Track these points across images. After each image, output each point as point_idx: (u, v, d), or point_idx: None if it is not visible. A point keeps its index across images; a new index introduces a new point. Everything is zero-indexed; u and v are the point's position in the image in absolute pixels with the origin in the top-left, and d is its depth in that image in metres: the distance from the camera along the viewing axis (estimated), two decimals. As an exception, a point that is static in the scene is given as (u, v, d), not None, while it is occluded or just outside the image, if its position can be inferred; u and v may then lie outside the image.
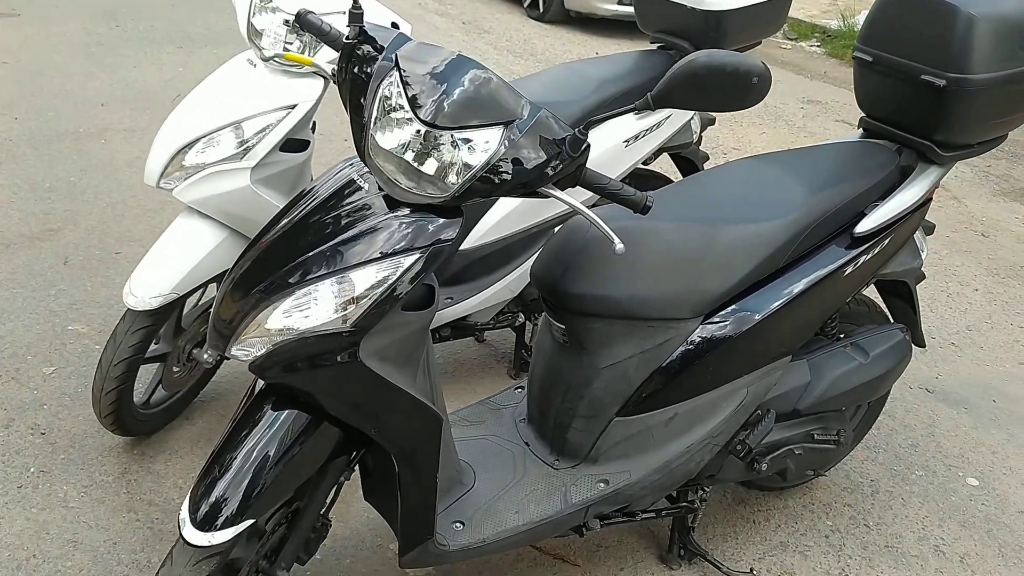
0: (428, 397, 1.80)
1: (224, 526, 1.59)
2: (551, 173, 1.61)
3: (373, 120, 1.58)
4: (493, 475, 2.08)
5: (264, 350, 1.57)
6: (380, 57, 1.63)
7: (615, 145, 2.75)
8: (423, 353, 1.79)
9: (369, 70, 1.63)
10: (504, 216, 2.65)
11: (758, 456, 2.18)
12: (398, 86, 1.57)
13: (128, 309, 2.27)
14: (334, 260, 1.58)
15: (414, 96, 1.55)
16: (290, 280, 1.57)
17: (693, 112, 2.98)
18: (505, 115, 1.56)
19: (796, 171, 2.11)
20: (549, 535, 2.04)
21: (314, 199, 1.71)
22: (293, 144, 2.39)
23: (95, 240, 3.69)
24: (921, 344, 2.51)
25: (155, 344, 2.41)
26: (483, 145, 1.54)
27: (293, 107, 2.30)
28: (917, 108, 2.13)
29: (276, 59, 2.31)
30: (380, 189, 1.64)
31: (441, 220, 1.60)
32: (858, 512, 2.58)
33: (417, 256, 1.57)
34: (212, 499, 1.61)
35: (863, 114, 2.31)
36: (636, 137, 2.79)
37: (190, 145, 2.28)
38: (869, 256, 2.09)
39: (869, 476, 2.73)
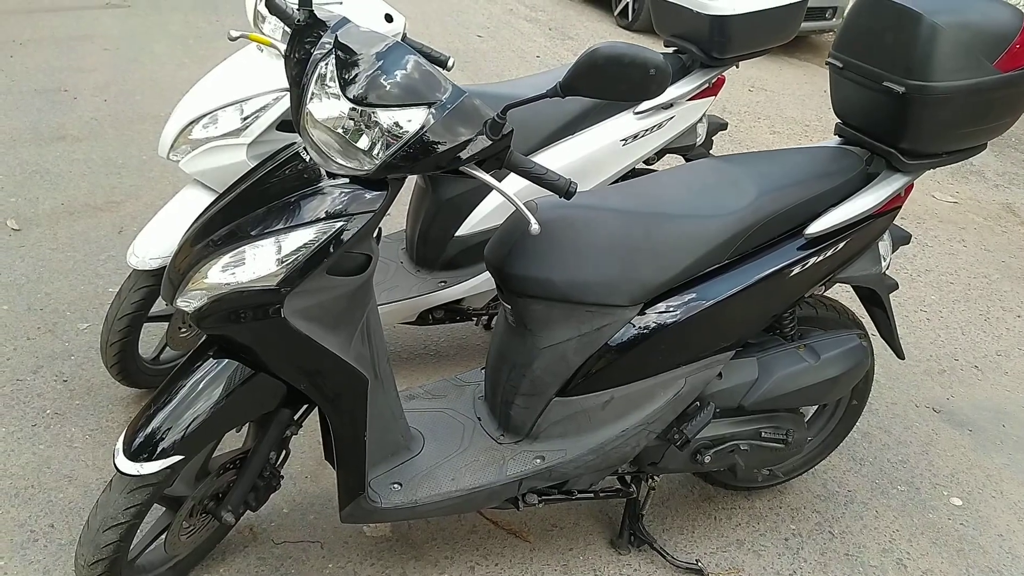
0: (363, 361, 1.93)
1: (152, 459, 1.75)
2: (471, 153, 1.71)
3: (309, 96, 1.71)
4: (440, 445, 2.19)
5: (202, 302, 1.73)
6: (322, 38, 1.78)
7: (611, 143, 2.82)
8: (361, 319, 1.92)
9: (312, 50, 1.78)
10: (498, 205, 2.76)
11: (702, 448, 2.23)
12: (333, 65, 1.71)
13: (132, 269, 2.47)
14: (268, 223, 1.72)
15: (345, 75, 1.69)
16: (230, 238, 1.73)
17: (700, 114, 3.03)
18: (429, 97, 1.68)
19: (753, 172, 2.15)
20: (483, 504, 2.14)
21: (266, 167, 1.86)
22: (289, 125, 2.55)
23: (150, 214, 3.95)
24: (899, 356, 2.49)
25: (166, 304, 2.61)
26: (406, 123, 1.66)
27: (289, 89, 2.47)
28: (882, 115, 2.14)
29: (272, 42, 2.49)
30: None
31: (366, 191, 1.72)
32: (825, 519, 2.58)
33: (341, 223, 1.70)
34: (145, 433, 1.77)
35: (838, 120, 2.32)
36: (635, 137, 2.86)
37: (197, 120, 2.48)
38: (819, 258, 2.11)
39: (847, 487, 2.72)
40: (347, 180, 1.73)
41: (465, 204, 2.77)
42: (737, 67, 3.10)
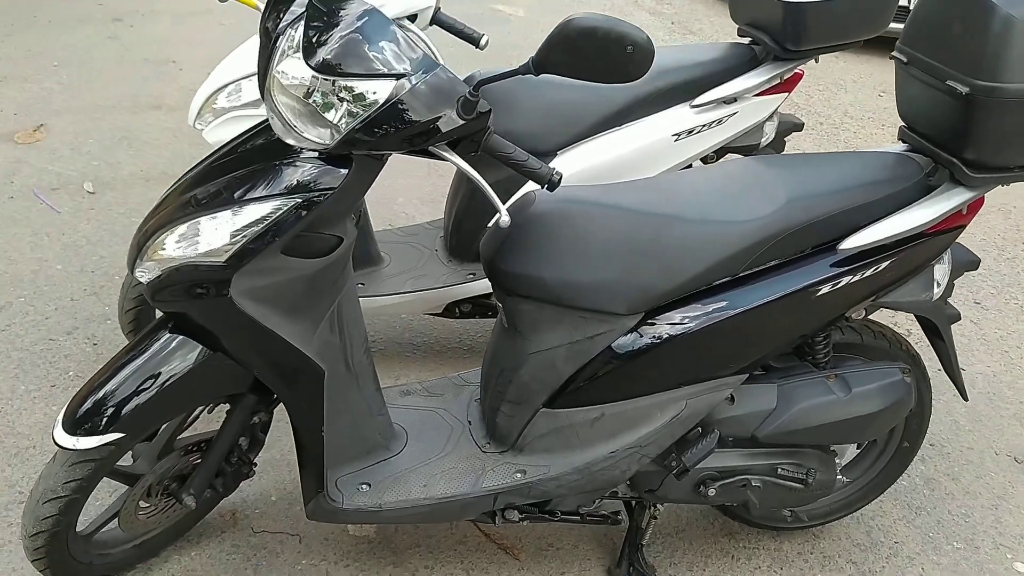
0: (331, 351, 1.81)
1: (89, 433, 1.68)
2: (440, 132, 1.56)
3: (277, 60, 1.60)
4: (422, 446, 2.05)
5: (156, 274, 1.64)
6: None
7: (663, 138, 2.60)
8: (331, 307, 1.79)
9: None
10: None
11: (707, 480, 2.00)
12: (302, 29, 1.59)
13: None
14: (227, 194, 1.62)
15: (311, 41, 1.56)
16: (188, 207, 1.64)
17: (769, 112, 2.76)
18: (397, 68, 1.54)
19: (790, 175, 1.90)
20: (455, 516, 1.99)
21: (239, 138, 1.76)
22: None
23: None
24: (962, 396, 2.19)
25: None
26: (371, 95, 1.53)
27: None
28: (946, 118, 1.85)
29: None
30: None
31: (326, 167, 1.59)
32: (861, 572, 2.29)
33: (298, 200, 1.58)
34: (86, 407, 1.70)
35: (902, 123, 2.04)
36: (690, 132, 2.62)
37: (222, 89, 2.41)
38: (855, 278, 1.84)
39: (894, 537, 2.42)
40: (300, 154, 1.61)
41: (506, 188, 2.60)
42: (816, 61, 2.81)
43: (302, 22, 1.59)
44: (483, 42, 2.55)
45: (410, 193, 4.03)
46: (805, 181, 1.88)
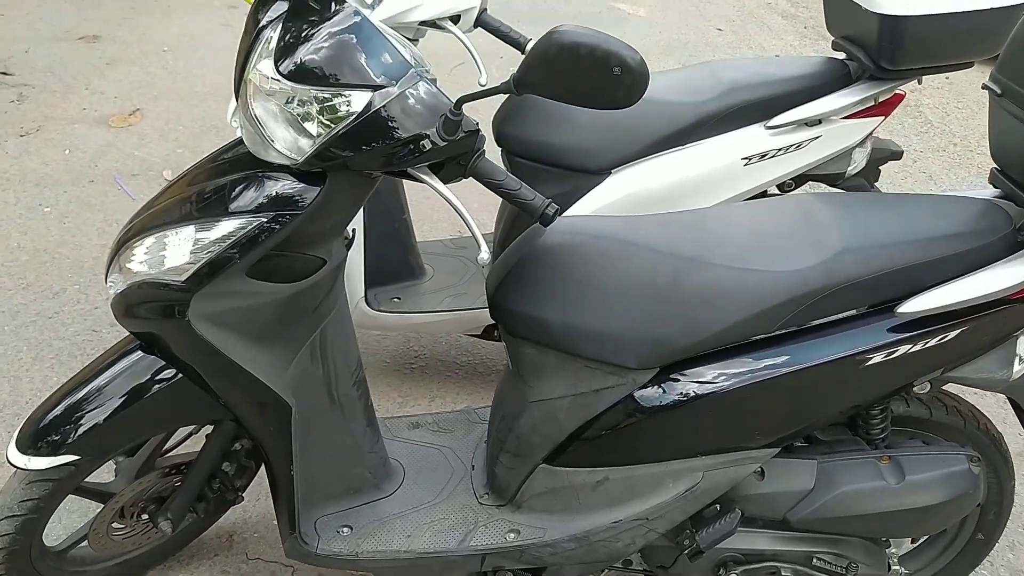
0: (309, 383, 1.66)
1: (42, 453, 1.58)
2: (420, 153, 1.38)
3: (250, 65, 1.45)
4: (416, 489, 1.88)
5: (122, 287, 1.53)
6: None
7: (731, 161, 2.33)
8: (311, 335, 1.64)
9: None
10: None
11: (729, 562, 1.75)
12: (277, 33, 1.44)
13: None
14: (188, 209, 1.49)
15: (285, 45, 1.41)
16: (158, 220, 1.52)
17: (860, 137, 2.44)
18: (375, 79, 1.37)
19: (851, 218, 1.62)
20: (438, 573, 1.80)
21: (230, 143, 1.63)
22: None
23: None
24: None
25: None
26: (343, 108, 1.36)
27: None
28: (1044, 163, 1.55)
29: None
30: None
31: (298, 185, 1.44)
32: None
33: (262, 219, 1.43)
34: (42, 424, 1.60)
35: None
36: (763, 156, 2.34)
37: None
38: (915, 348, 1.55)
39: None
40: (272, 169, 1.45)
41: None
42: (919, 83, 2.47)
43: (279, 25, 1.44)
44: (528, 47, 2.34)
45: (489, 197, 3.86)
46: (866, 227, 1.60)
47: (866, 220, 1.62)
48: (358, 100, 1.37)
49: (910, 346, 1.55)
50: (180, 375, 1.60)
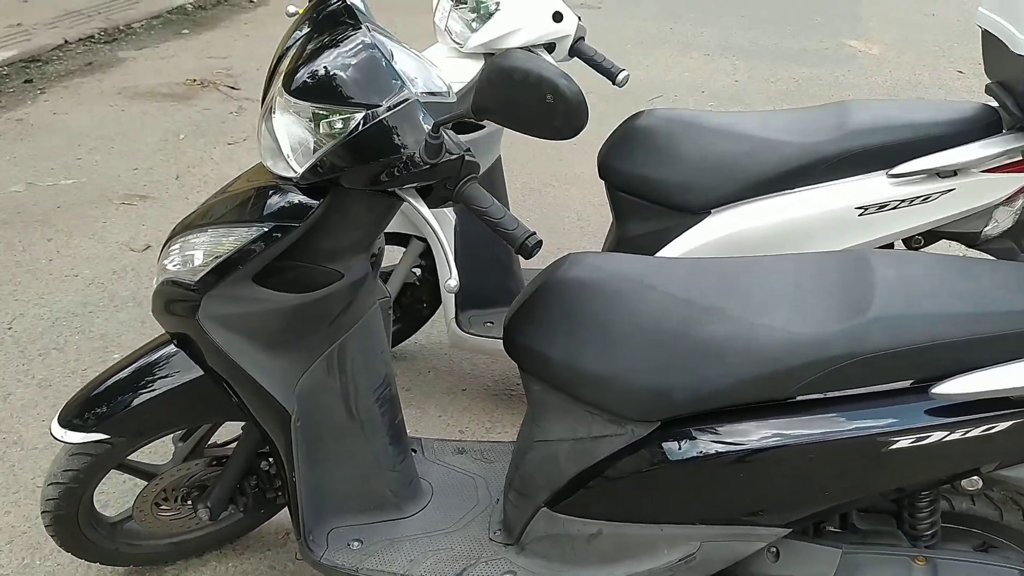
0: (324, 395, 1.70)
1: (76, 429, 1.71)
2: (401, 174, 1.39)
3: (276, 78, 1.52)
4: (437, 515, 1.86)
5: (155, 285, 1.64)
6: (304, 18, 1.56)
7: (843, 209, 2.13)
8: (329, 347, 1.67)
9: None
10: (691, 250, 2.25)
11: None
12: (296, 49, 1.51)
13: None
14: (214, 216, 1.58)
15: (298, 62, 1.47)
16: (187, 225, 1.62)
17: (1003, 195, 2.14)
18: (370, 99, 1.40)
19: (897, 282, 1.43)
20: None
21: None
22: (466, 125, 2.32)
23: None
24: None
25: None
26: (337, 126, 1.40)
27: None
28: None
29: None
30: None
31: (299, 198, 1.49)
32: None
33: (265, 229, 1.50)
34: (83, 400, 1.73)
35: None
36: (882, 207, 2.12)
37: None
38: (952, 436, 1.34)
39: None
40: (279, 182, 1.51)
41: (649, 244, 2.29)
42: (1081, 137, 2.14)
43: (298, 43, 1.50)
44: (620, 78, 2.27)
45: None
46: (915, 293, 1.41)
47: (920, 285, 1.43)
48: (351, 118, 1.39)
49: (945, 434, 1.34)
50: (204, 374, 1.68)
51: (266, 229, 1.48)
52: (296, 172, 1.45)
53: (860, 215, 2.13)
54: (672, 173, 2.22)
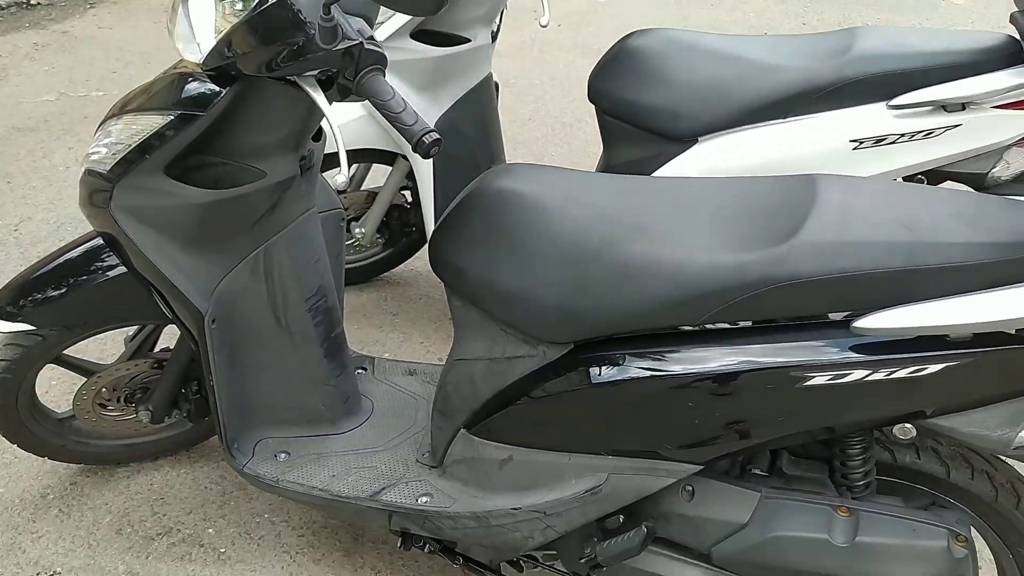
0: (249, 299, 1.65)
1: (5, 318, 1.70)
2: (295, 59, 1.32)
3: None
4: (370, 434, 1.82)
5: (80, 175, 1.61)
6: None
7: (838, 143, 1.98)
8: (251, 250, 1.63)
9: None
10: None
11: (644, 588, 1.50)
12: None
13: None
14: (133, 104, 1.53)
15: None
16: (109, 115, 1.58)
17: (1016, 132, 1.95)
18: None
19: (839, 208, 1.30)
20: (350, 519, 1.76)
21: None
22: (426, 34, 2.19)
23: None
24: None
25: None
26: (239, 6, 1.34)
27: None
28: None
29: None
30: None
31: (206, 85, 1.44)
32: None
33: (171, 117, 1.45)
34: (11, 290, 1.72)
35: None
36: (878, 141, 1.96)
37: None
38: (875, 376, 1.21)
39: None
40: (194, 69, 1.45)
41: (635, 172, 2.16)
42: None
43: None
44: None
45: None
46: (849, 217, 1.27)
47: (861, 210, 1.29)
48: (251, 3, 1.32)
49: (867, 373, 1.22)
50: (126, 271, 1.65)
51: (172, 117, 1.43)
52: (201, 55, 1.39)
53: (855, 149, 1.97)
54: (660, 98, 2.09)
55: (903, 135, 1.95)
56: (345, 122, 2.27)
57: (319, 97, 1.33)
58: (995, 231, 1.21)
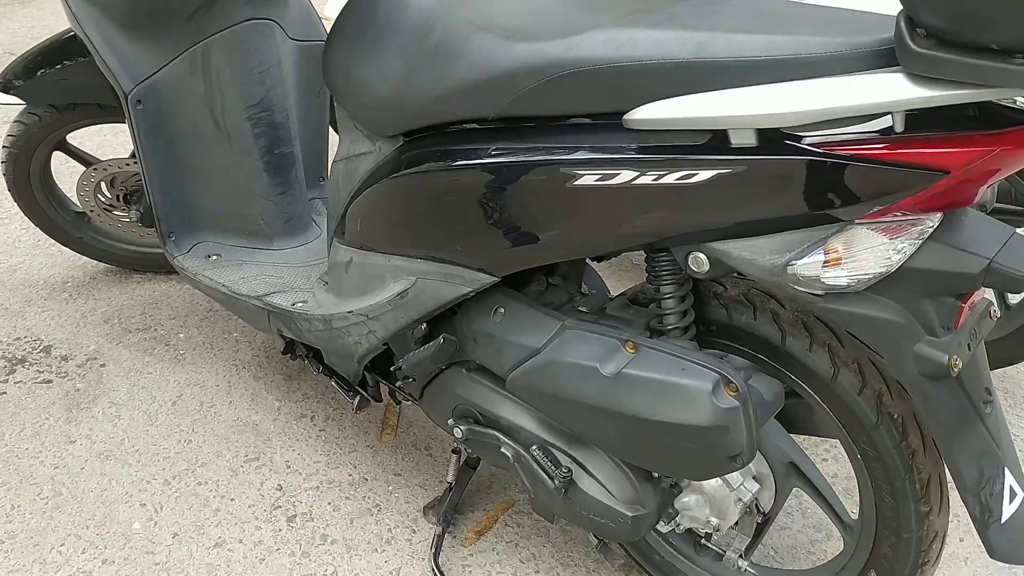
0: (182, 94, 1.75)
1: (3, 90, 1.91)
2: None
3: None
4: (301, 254, 1.93)
5: None
6: None
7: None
8: (188, 46, 1.74)
9: None
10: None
11: (459, 414, 1.44)
12: None
13: None
14: None
15: None
16: None
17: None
18: None
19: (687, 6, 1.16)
20: (240, 314, 1.81)
21: None
22: None
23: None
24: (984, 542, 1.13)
25: None
26: None
27: None
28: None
29: None
30: None
31: None
32: None
33: None
34: (13, 69, 1.92)
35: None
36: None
37: None
38: (643, 179, 1.07)
39: None
40: None
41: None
42: None
43: None
44: None
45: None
46: (681, 16, 1.13)
47: (712, 13, 1.13)
48: None
49: (635, 174, 1.08)
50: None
51: None
52: None
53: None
54: None
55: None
56: None
57: None
58: (819, 29, 1.02)
